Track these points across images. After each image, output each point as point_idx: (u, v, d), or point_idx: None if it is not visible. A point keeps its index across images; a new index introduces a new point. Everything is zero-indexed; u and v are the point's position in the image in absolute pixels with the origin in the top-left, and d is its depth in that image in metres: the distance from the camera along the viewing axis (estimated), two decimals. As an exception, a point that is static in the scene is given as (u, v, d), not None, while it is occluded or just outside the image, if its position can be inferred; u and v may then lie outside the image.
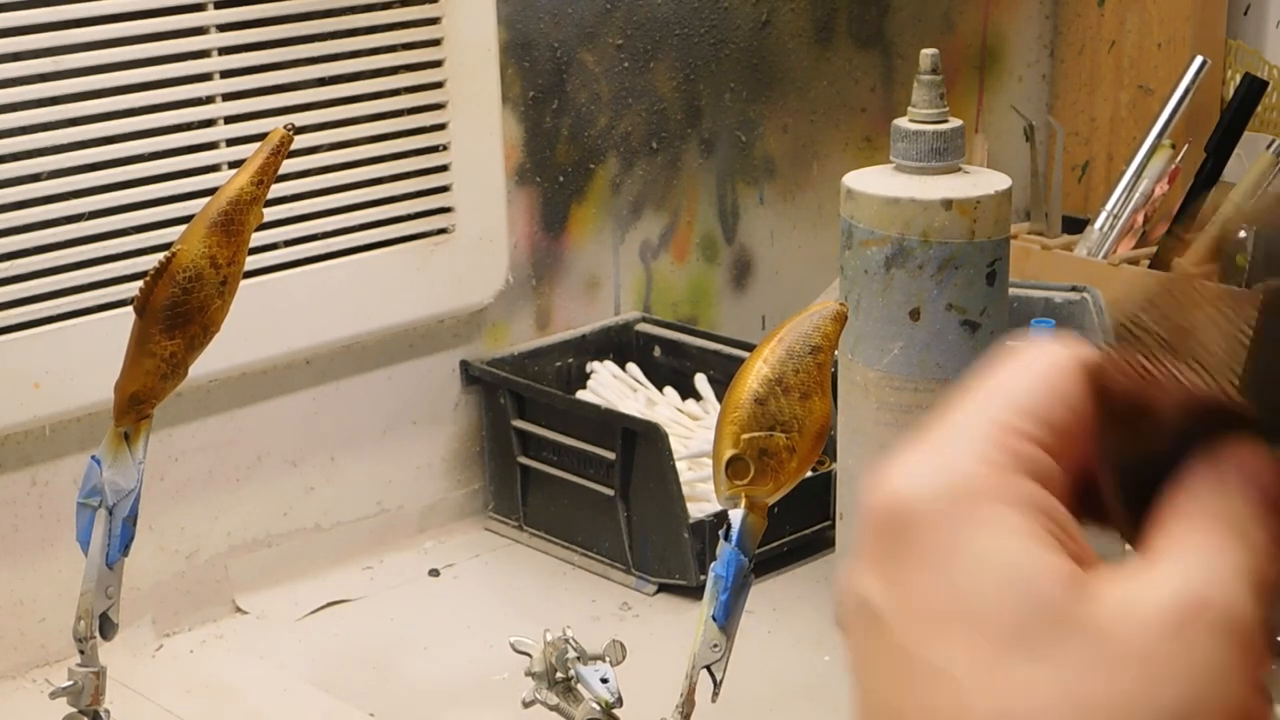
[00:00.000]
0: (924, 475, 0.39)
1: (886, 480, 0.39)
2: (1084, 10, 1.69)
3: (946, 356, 1.06)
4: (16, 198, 1.05)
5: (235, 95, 1.13)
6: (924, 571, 0.38)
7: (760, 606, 1.15)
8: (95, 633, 0.72)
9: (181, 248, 0.68)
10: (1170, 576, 0.38)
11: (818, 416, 0.70)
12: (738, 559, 0.58)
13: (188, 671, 1.12)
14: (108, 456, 0.72)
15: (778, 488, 0.69)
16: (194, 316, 0.69)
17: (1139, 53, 1.66)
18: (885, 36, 1.57)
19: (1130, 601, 0.37)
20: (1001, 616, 0.37)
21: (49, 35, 1.05)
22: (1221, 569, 0.38)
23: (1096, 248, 1.51)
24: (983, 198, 1.05)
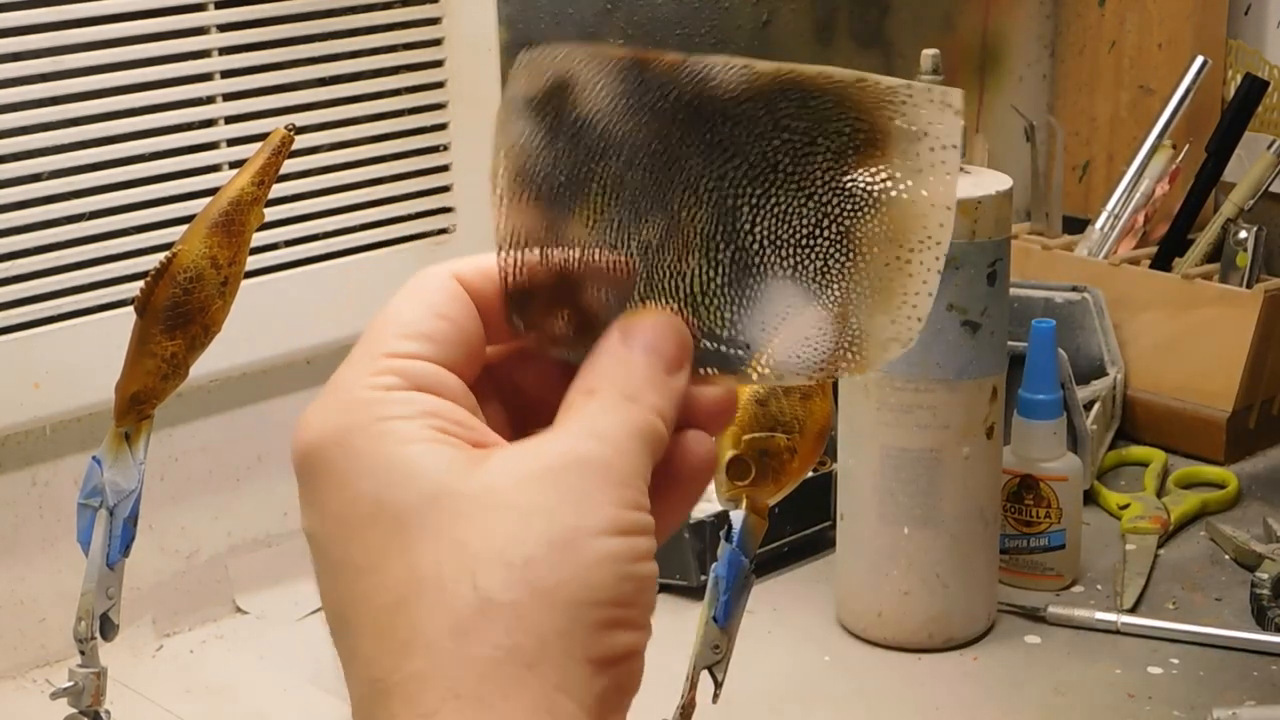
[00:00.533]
0: (320, 416, 0.45)
1: (297, 429, 0.46)
2: (1084, 10, 1.69)
3: (947, 357, 1.06)
4: (17, 198, 1.05)
5: (236, 95, 1.13)
6: (332, 495, 0.44)
7: (761, 607, 1.15)
8: (96, 633, 0.72)
9: (182, 248, 0.68)
10: (555, 440, 0.44)
11: (819, 417, 0.70)
12: (739, 560, 0.58)
13: (188, 672, 1.12)
14: (108, 457, 0.72)
15: (779, 488, 0.69)
16: (195, 317, 0.69)
17: (1139, 53, 1.65)
18: (886, 37, 1.56)
19: (512, 463, 0.43)
20: (393, 508, 0.43)
21: (49, 35, 1.05)
22: (604, 429, 0.44)
23: (1097, 248, 1.51)
24: (983, 198, 1.05)
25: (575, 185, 0.49)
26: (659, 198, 0.49)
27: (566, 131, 0.49)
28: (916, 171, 0.48)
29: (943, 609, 1.11)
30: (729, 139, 0.49)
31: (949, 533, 1.09)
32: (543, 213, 0.49)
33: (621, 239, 0.49)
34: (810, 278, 0.49)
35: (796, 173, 0.48)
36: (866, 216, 0.48)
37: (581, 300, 0.49)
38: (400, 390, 0.45)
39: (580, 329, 0.49)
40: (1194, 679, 1.07)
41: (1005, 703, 1.06)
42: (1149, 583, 1.19)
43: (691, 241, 0.49)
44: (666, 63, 0.49)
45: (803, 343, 0.49)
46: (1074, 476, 1.18)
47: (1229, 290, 1.41)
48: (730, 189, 0.49)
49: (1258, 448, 1.42)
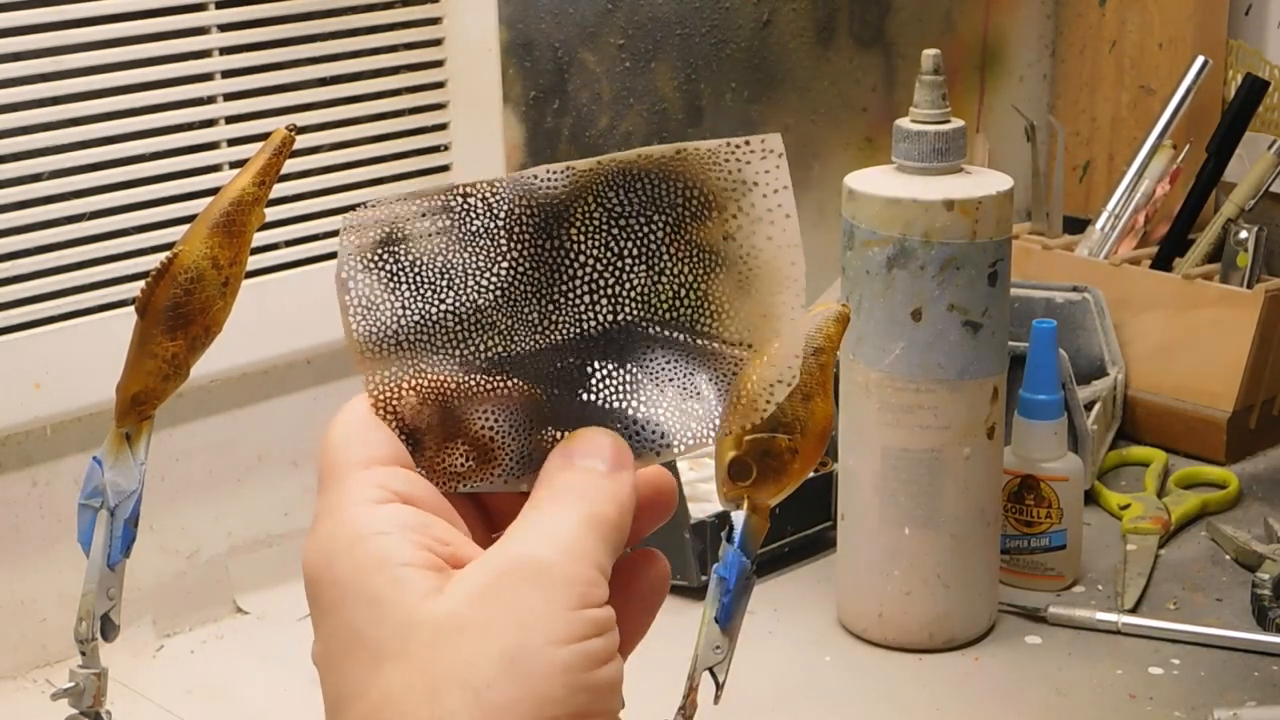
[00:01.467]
0: (313, 544, 0.47)
1: (304, 551, 0.47)
2: (1085, 10, 1.69)
3: (948, 357, 1.06)
4: (17, 198, 1.05)
5: (236, 95, 1.13)
6: (324, 624, 0.46)
7: (762, 607, 1.15)
8: (96, 634, 0.72)
9: (183, 248, 0.68)
10: (501, 548, 0.46)
11: (820, 418, 0.69)
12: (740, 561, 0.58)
13: (188, 672, 1.12)
14: (109, 457, 0.72)
15: (780, 489, 0.69)
16: (196, 317, 0.68)
17: (1140, 53, 1.65)
18: (886, 37, 1.56)
19: (467, 581, 0.45)
20: (369, 640, 0.45)
21: (49, 35, 1.05)
22: (551, 526, 0.46)
23: (1098, 248, 1.51)
24: (984, 198, 1.05)
25: (429, 324, 0.50)
26: (517, 314, 0.50)
27: (406, 275, 0.51)
28: (756, 220, 0.49)
29: (944, 609, 1.11)
30: (569, 241, 0.50)
31: (950, 533, 1.09)
32: (405, 358, 0.50)
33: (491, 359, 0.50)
34: (684, 346, 0.50)
35: (643, 254, 0.50)
36: (719, 275, 0.50)
37: (472, 430, 0.50)
38: (385, 504, 0.47)
39: (480, 459, 0.50)
40: (1195, 679, 1.07)
41: (1006, 703, 1.06)
42: (1150, 583, 1.19)
43: (563, 346, 0.50)
44: (486, 184, 0.50)
45: (694, 410, 0.51)
46: (1075, 477, 1.18)
47: (1229, 290, 1.41)
48: (584, 286, 0.50)
49: (1258, 448, 1.42)
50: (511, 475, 0.51)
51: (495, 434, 0.50)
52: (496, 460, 0.50)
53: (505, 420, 0.50)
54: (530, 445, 0.50)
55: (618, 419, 0.51)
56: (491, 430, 0.50)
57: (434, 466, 0.50)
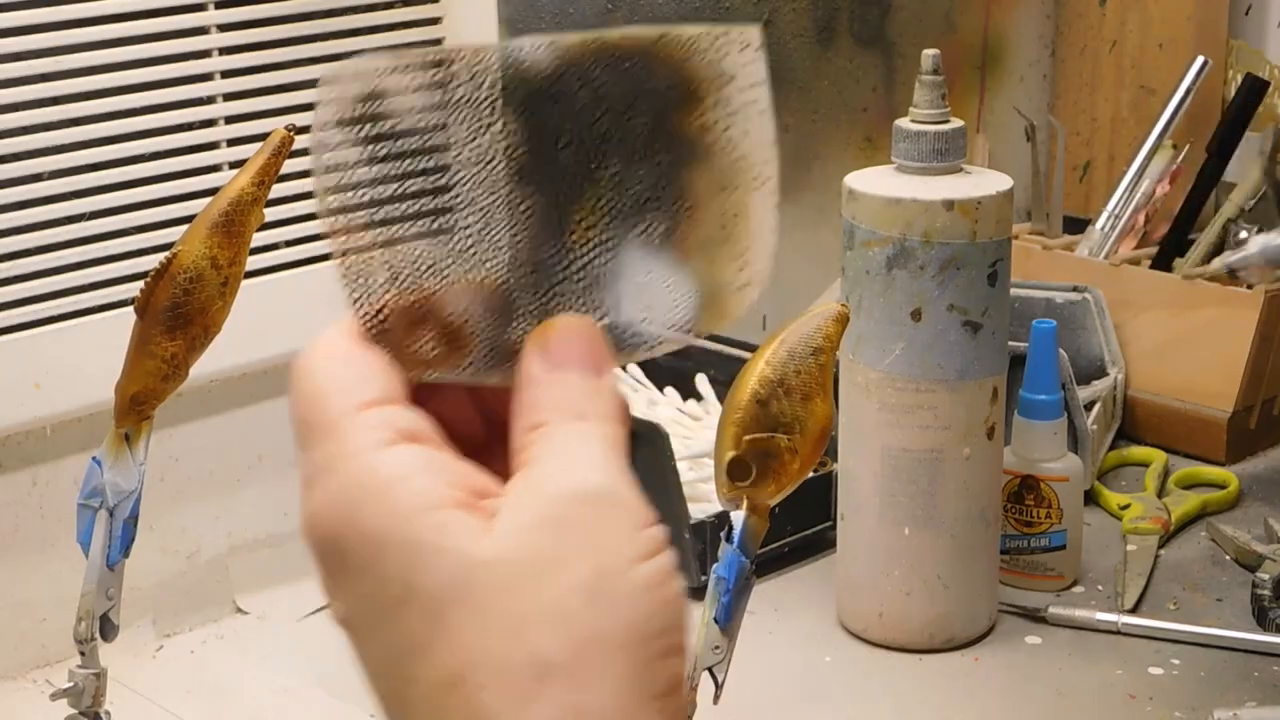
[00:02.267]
0: (324, 499, 0.44)
1: (304, 515, 0.45)
2: (1085, 10, 1.69)
3: (948, 357, 1.06)
4: (17, 198, 1.05)
5: (236, 95, 1.13)
6: (358, 582, 0.43)
7: (761, 607, 1.15)
8: (96, 634, 0.72)
9: (182, 248, 0.68)
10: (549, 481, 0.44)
11: (820, 418, 0.70)
12: (739, 560, 0.58)
13: (188, 672, 1.12)
14: (108, 457, 0.72)
15: (779, 489, 0.69)
16: (195, 317, 0.69)
17: (1140, 53, 1.65)
18: (886, 37, 1.56)
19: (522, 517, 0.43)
20: (425, 591, 0.42)
21: (49, 35, 1.05)
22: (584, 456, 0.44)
23: (1098, 248, 1.51)
24: (984, 198, 1.05)
25: (407, 196, 0.48)
26: (498, 194, 0.49)
27: (386, 142, 0.48)
28: (733, 114, 0.48)
29: (943, 609, 1.11)
30: (553, 119, 0.48)
31: (950, 533, 1.09)
32: (377, 230, 0.48)
33: (466, 240, 0.49)
34: (658, 240, 0.49)
35: (624, 139, 0.48)
36: (697, 167, 0.49)
37: (442, 315, 0.48)
38: (395, 445, 0.44)
39: (449, 346, 0.48)
40: (1195, 680, 1.07)
41: (1006, 703, 1.06)
42: (1150, 583, 1.19)
43: (539, 231, 0.49)
44: (472, 51, 0.48)
45: (668, 306, 0.50)
46: (1075, 477, 1.18)
47: (1230, 291, 1.41)
48: (565, 169, 0.49)
49: (1258, 448, 1.42)
50: (481, 366, 0.49)
51: (466, 320, 0.48)
52: (466, 348, 0.48)
53: (477, 307, 0.48)
54: (501, 336, 0.49)
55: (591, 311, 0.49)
56: (463, 316, 0.48)
57: (401, 350, 0.48)
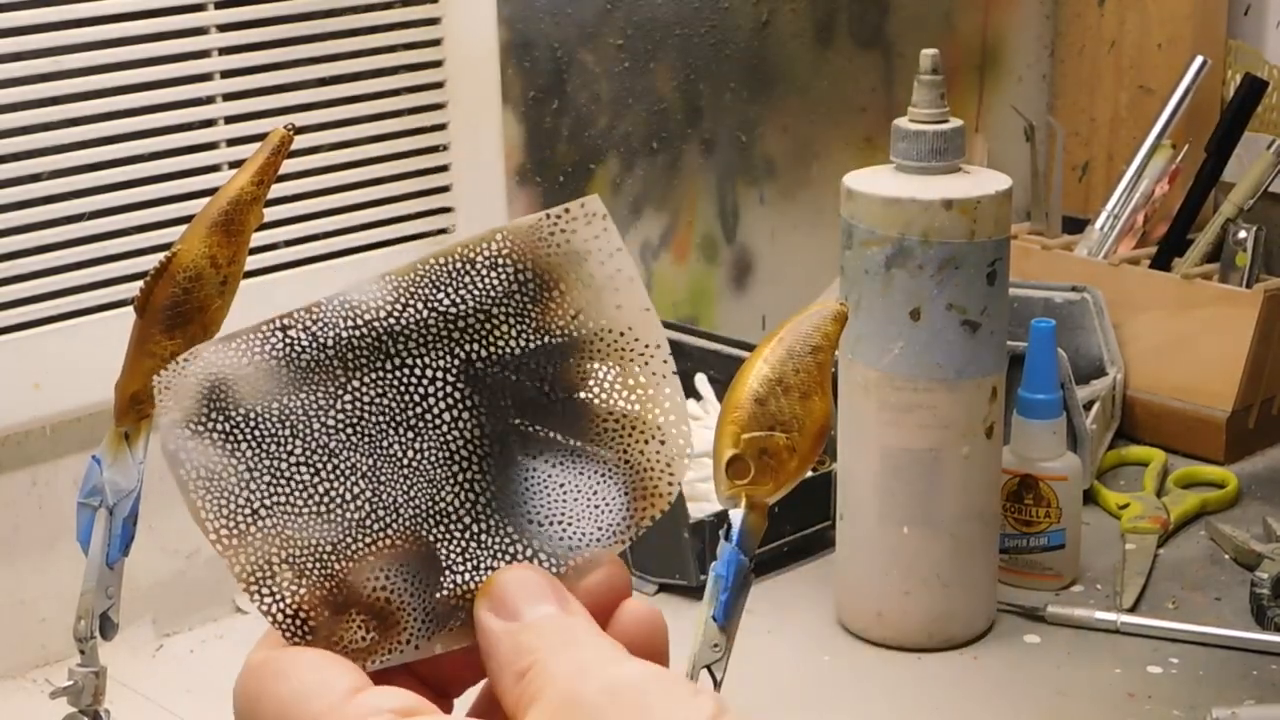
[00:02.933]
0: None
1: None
2: (1084, 10, 1.69)
3: (947, 356, 1.06)
4: (16, 198, 1.05)
5: (235, 95, 1.13)
6: None
7: (760, 606, 1.15)
8: (95, 633, 0.72)
9: (181, 248, 0.68)
10: (568, 690, 0.41)
11: (818, 416, 0.70)
12: (738, 559, 0.58)
13: (188, 671, 1.12)
14: (108, 456, 0.72)
15: (778, 488, 0.69)
16: (194, 317, 0.69)
17: (1139, 53, 1.66)
18: (886, 37, 1.56)
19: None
20: None
21: (49, 35, 1.05)
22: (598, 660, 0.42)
23: (1097, 248, 1.51)
24: (983, 198, 1.05)
25: (283, 482, 0.45)
26: (377, 449, 0.45)
27: (242, 432, 0.45)
28: (599, 290, 0.46)
29: (942, 609, 1.11)
30: (410, 356, 0.45)
31: (949, 532, 1.10)
32: (267, 529, 0.45)
33: (363, 509, 0.45)
34: (570, 449, 0.46)
35: (492, 354, 0.45)
36: (581, 360, 0.46)
37: (363, 596, 0.45)
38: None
39: (381, 628, 0.45)
40: (1194, 678, 1.08)
41: (1005, 703, 1.06)
42: (1149, 582, 1.19)
43: (433, 472, 0.45)
44: (304, 313, 0.45)
45: (597, 510, 0.46)
46: (1074, 476, 1.18)
47: (1229, 290, 1.41)
48: (441, 406, 0.45)
49: (1257, 447, 1.42)
50: (422, 639, 0.45)
51: (391, 594, 0.45)
52: (400, 625, 0.45)
53: (398, 576, 0.45)
54: (432, 599, 0.45)
55: (516, 545, 0.46)
56: (386, 591, 0.45)
57: (333, 647, 0.44)
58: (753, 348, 0.73)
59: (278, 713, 0.44)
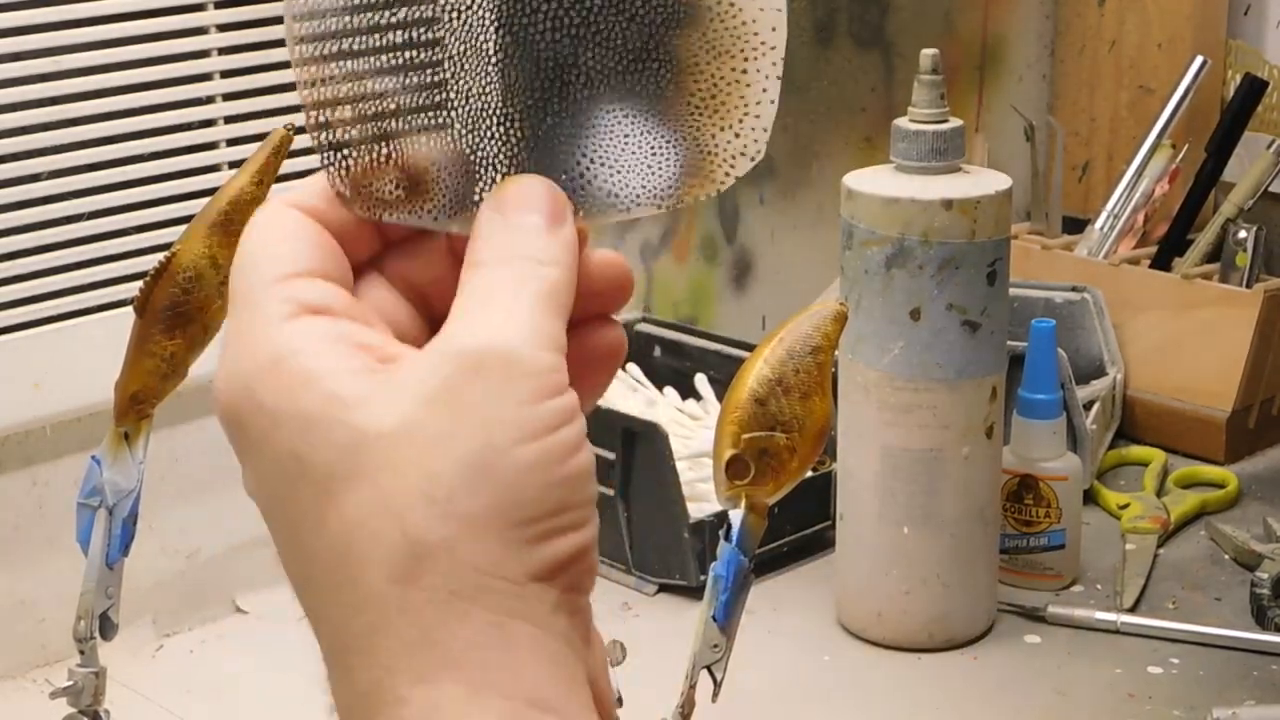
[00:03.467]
0: (228, 371, 0.44)
1: (215, 382, 0.45)
2: (1084, 10, 1.69)
3: (947, 356, 1.06)
4: (16, 198, 1.05)
5: (235, 95, 1.13)
6: (259, 456, 0.44)
7: (760, 606, 1.15)
8: (95, 633, 0.72)
9: (182, 248, 0.68)
10: (451, 340, 0.42)
11: (818, 417, 0.70)
12: (738, 559, 0.58)
13: (188, 671, 1.12)
14: (108, 456, 0.72)
15: (778, 488, 0.69)
16: (194, 316, 0.69)
17: (1139, 53, 1.65)
18: (885, 36, 1.56)
19: (415, 384, 0.42)
20: (315, 464, 0.42)
21: (49, 35, 1.05)
22: (498, 312, 0.43)
23: (1097, 248, 1.51)
24: (983, 198, 1.05)
25: (377, 34, 0.46)
26: (472, 41, 0.47)
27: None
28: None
29: (942, 609, 1.11)
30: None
31: (949, 532, 1.09)
32: (345, 66, 0.46)
33: (437, 85, 0.47)
34: (645, 102, 0.47)
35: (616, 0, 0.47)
36: (691, 31, 0.47)
37: (405, 157, 0.47)
38: (295, 319, 0.43)
39: (410, 189, 0.47)
40: (1194, 679, 1.07)
41: (1005, 703, 1.06)
42: (1149, 582, 1.19)
43: (515, 83, 0.47)
44: None
45: (649, 170, 0.48)
46: (1074, 476, 1.18)
47: (1229, 290, 1.41)
48: (548, 23, 0.47)
49: (1257, 447, 1.42)
50: (442, 212, 0.47)
51: (430, 164, 0.47)
52: (428, 193, 0.47)
53: (442, 152, 0.47)
54: (465, 185, 0.47)
55: (563, 170, 0.47)
56: (426, 160, 0.47)
57: (361, 190, 0.46)
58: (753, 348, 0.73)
59: (230, 278, 0.46)
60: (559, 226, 0.45)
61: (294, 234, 0.45)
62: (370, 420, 0.42)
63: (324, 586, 0.43)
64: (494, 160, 0.47)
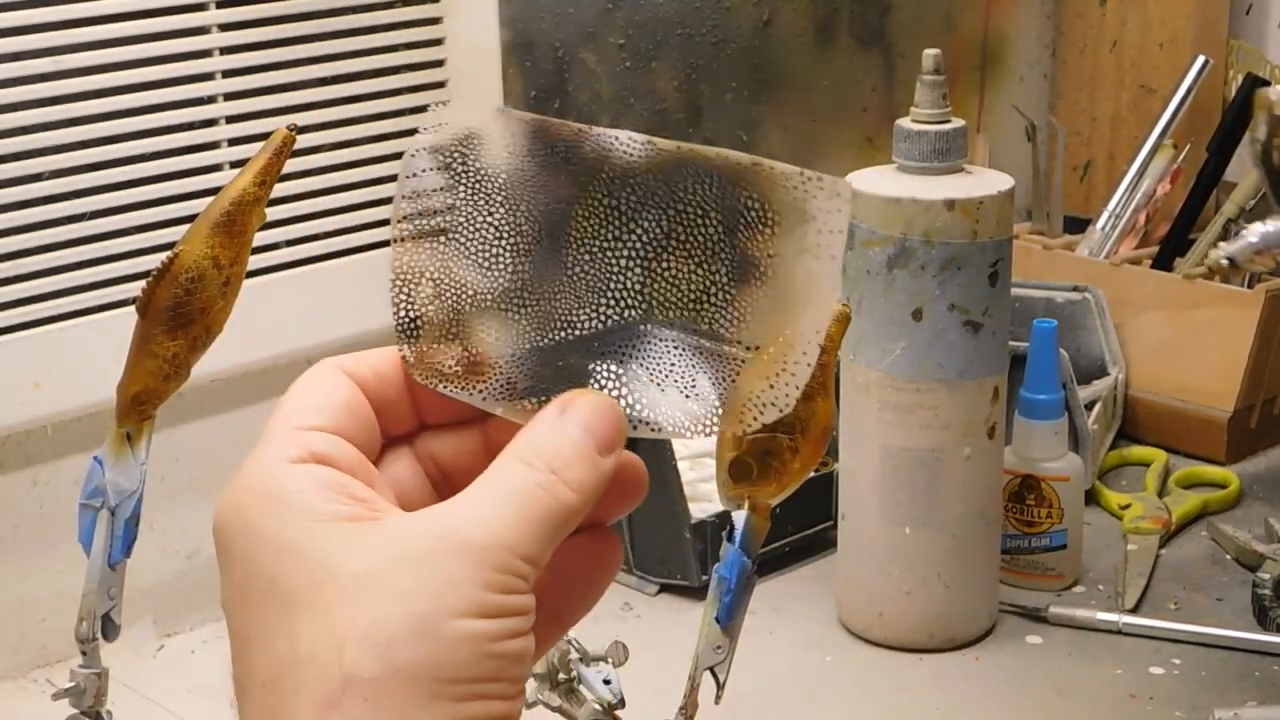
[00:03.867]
0: (230, 494, 0.49)
1: (218, 501, 0.49)
2: (1085, 10, 1.69)
3: (949, 357, 1.06)
4: (17, 198, 1.05)
5: (237, 95, 1.13)
6: (235, 570, 0.49)
7: (762, 607, 1.15)
8: (97, 634, 0.72)
9: (184, 248, 0.68)
10: (437, 519, 0.46)
11: (821, 417, 0.69)
12: (741, 560, 0.58)
13: (189, 672, 1.12)
14: (110, 457, 0.72)
15: (781, 489, 0.69)
16: (196, 317, 0.68)
17: (1140, 52, 1.65)
18: (886, 36, 1.56)
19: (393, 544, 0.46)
20: (284, 588, 0.46)
21: (49, 35, 1.05)
22: (493, 507, 0.46)
23: (1098, 248, 1.51)
24: (985, 198, 1.05)
25: (472, 231, 0.52)
26: (554, 251, 0.52)
27: (469, 179, 0.52)
28: (802, 251, 0.50)
29: (944, 609, 1.11)
30: (626, 205, 0.51)
31: (950, 533, 1.09)
32: (438, 252, 0.52)
33: (514, 285, 0.52)
34: (696, 339, 0.51)
35: (688, 241, 0.51)
36: (751, 287, 0.51)
37: (471, 339, 0.52)
38: (300, 463, 0.48)
39: (468, 369, 0.51)
40: (1196, 679, 1.07)
41: (1006, 703, 1.06)
42: (1150, 583, 1.19)
43: (583, 295, 0.52)
44: (571, 128, 0.51)
45: (685, 399, 0.52)
46: (1075, 476, 1.18)
47: (1230, 290, 1.41)
48: (624, 251, 0.51)
49: (1259, 448, 1.42)
50: (492, 396, 0.52)
51: (492, 352, 0.52)
52: (483, 377, 0.51)
53: (506, 343, 0.52)
54: (519, 376, 0.52)
55: (608, 380, 0.52)
56: (489, 347, 0.52)
57: (423, 359, 0.52)
58: (755, 348, 0.73)
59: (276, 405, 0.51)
60: (604, 457, 0.49)
61: (329, 392, 0.50)
62: (343, 561, 0.45)
63: (257, 701, 0.46)
64: (549, 361, 0.52)
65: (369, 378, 0.51)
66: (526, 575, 0.46)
